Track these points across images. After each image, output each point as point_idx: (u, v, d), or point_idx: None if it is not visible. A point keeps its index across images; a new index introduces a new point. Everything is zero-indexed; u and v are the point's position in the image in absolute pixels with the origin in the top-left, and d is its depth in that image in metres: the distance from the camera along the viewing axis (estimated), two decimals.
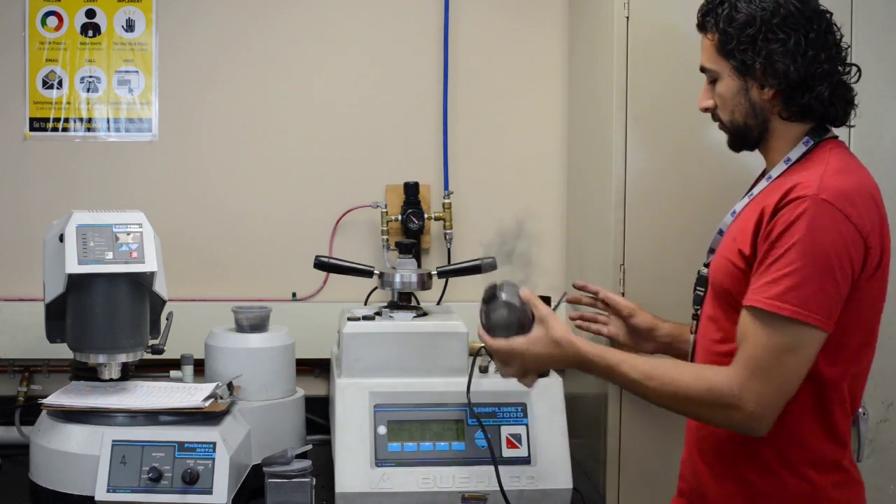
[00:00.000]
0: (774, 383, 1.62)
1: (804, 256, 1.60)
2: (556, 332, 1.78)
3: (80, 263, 1.99)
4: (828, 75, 1.72)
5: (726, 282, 1.75)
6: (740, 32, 1.72)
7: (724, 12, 1.74)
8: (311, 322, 2.61)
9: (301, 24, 2.70)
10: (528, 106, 2.76)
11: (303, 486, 1.95)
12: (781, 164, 1.78)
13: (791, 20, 1.71)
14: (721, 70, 1.78)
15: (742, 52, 1.73)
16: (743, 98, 1.77)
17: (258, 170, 2.70)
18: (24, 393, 2.59)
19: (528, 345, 1.79)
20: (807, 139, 1.77)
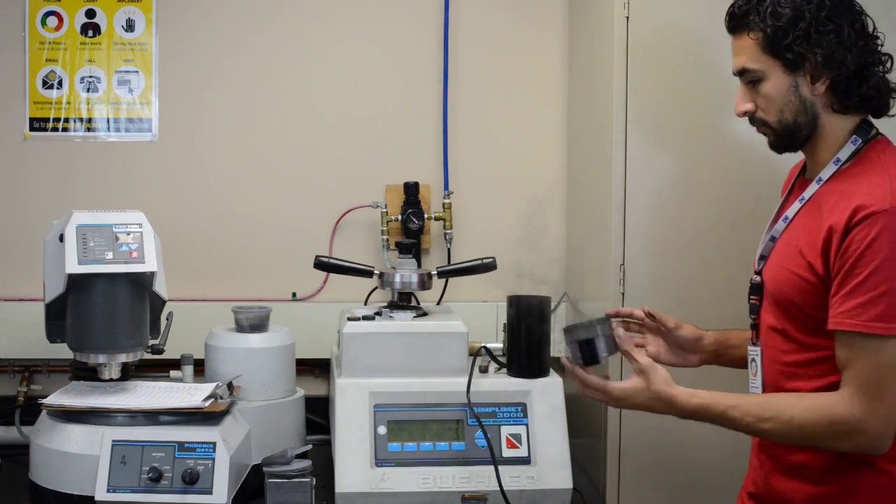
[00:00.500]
0: (891, 401, 1.62)
1: (894, 274, 1.59)
2: (659, 387, 1.75)
3: (80, 263, 1.99)
4: (876, 63, 1.71)
5: (796, 296, 1.72)
6: (792, 27, 1.68)
7: (769, 10, 1.70)
8: (311, 322, 2.61)
9: (301, 24, 2.70)
10: (528, 106, 2.76)
11: (303, 486, 1.95)
12: (831, 165, 1.74)
13: (837, 11, 1.69)
14: (767, 69, 1.73)
15: (798, 47, 1.68)
16: (793, 95, 1.73)
17: (258, 170, 2.70)
18: (24, 393, 2.59)
19: (626, 393, 1.77)
20: (854, 138, 1.74)
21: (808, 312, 1.71)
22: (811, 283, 1.69)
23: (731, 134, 2.25)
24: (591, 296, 2.49)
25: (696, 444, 2.22)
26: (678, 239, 2.26)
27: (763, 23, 1.70)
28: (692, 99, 2.26)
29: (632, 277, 2.25)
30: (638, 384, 1.77)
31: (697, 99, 2.26)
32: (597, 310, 2.42)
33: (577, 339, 1.81)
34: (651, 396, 1.75)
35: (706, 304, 2.22)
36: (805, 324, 1.72)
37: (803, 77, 1.71)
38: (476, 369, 2.12)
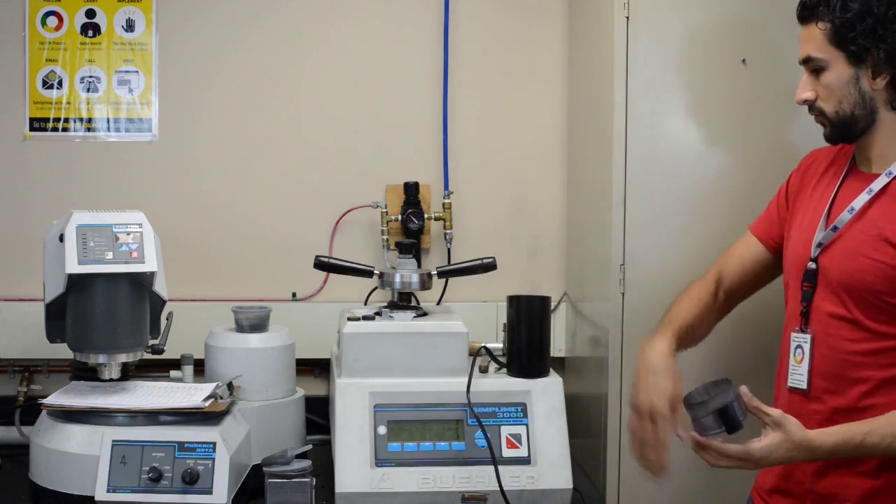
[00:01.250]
0: None
1: None
2: (797, 435, 1.68)
3: (80, 263, 1.99)
4: None
5: (879, 284, 1.72)
6: (859, 21, 1.72)
7: (839, 3, 1.74)
8: (311, 322, 2.61)
9: (301, 24, 2.70)
10: (529, 106, 2.76)
11: (303, 486, 1.95)
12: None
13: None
14: (832, 59, 1.76)
15: (862, 40, 1.72)
16: (853, 88, 1.76)
17: (258, 170, 2.70)
18: (24, 393, 2.59)
19: (768, 450, 1.69)
20: None
21: (888, 301, 1.71)
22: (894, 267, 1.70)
23: (733, 133, 2.25)
24: (591, 296, 2.49)
25: None
26: (678, 239, 2.26)
27: (832, 14, 1.74)
28: (692, 98, 2.26)
29: (632, 277, 2.24)
30: (777, 438, 1.69)
31: (698, 98, 2.26)
32: (597, 309, 2.42)
33: (715, 408, 1.69)
34: (791, 447, 1.69)
35: None
36: (881, 312, 1.73)
37: (865, 70, 1.75)
38: (476, 369, 2.12)
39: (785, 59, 2.17)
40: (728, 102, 2.25)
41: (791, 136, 2.23)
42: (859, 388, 1.75)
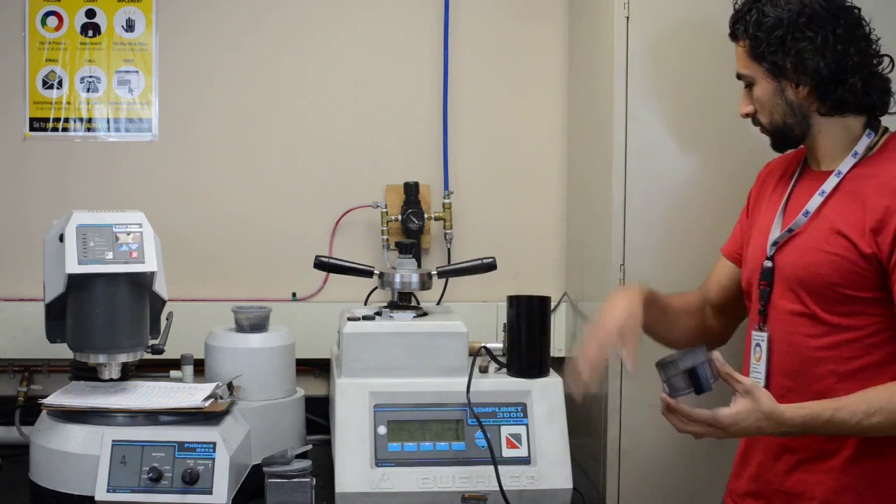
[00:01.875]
0: None
1: None
2: (767, 406, 1.69)
3: (80, 263, 1.99)
4: (859, 67, 1.77)
5: (834, 276, 1.74)
6: (769, 35, 1.78)
7: (753, 18, 1.80)
8: (311, 322, 2.61)
9: (301, 24, 2.70)
10: (529, 106, 2.76)
11: (303, 486, 1.95)
12: (850, 158, 1.80)
13: (817, 19, 1.76)
14: (755, 74, 1.83)
15: (773, 54, 1.78)
16: (779, 99, 1.81)
17: (258, 170, 2.70)
18: (24, 393, 2.59)
19: (736, 418, 1.70)
20: (868, 132, 1.81)
21: (845, 293, 1.73)
22: (852, 261, 1.72)
23: (732, 133, 2.25)
24: (591, 296, 2.49)
25: (695, 444, 2.21)
26: (678, 239, 2.26)
27: (746, 32, 1.82)
28: (692, 99, 2.26)
29: (632, 277, 2.24)
30: (747, 405, 1.70)
31: (698, 99, 2.26)
32: (597, 309, 2.42)
33: (685, 367, 1.72)
34: (760, 417, 1.69)
35: None
36: (838, 304, 1.74)
37: (787, 82, 1.80)
38: (476, 369, 2.12)
39: None
40: (729, 102, 2.24)
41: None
42: (822, 384, 1.76)
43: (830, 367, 1.76)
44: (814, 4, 1.76)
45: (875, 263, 1.70)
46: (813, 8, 1.76)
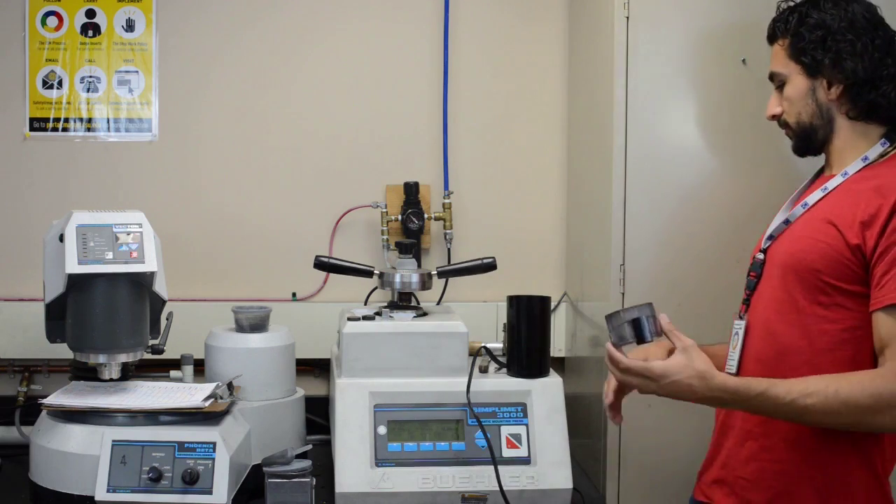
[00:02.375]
0: None
1: None
2: (701, 365, 1.72)
3: (80, 263, 1.99)
4: (893, 78, 1.81)
5: (818, 262, 1.76)
6: (811, 33, 1.82)
7: (795, 19, 1.85)
8: (311, 322, 2.61)
9: (301, 25, 2.70)
10: (529, 105, 2.76)
11: (303, 486, 1.95)
12: (858, 161, 1.83)
13: (858, 25, 1.82)
14: (790, 72, 1.86)
15: (813, 51, 1.82)
16: (810, 98, 1.85)
17: (258, 169, 2.70)
18: (24, 393, 2.59)
19: (669, 370, 1.72)
20: (884, 140, 1.84)
21: (827, 281, 1.75)
22: (838, 250, 1.74)
23: (732, 133, 2.25)
24: (591, 296, 2.49)
25: (695, 444, 2.21)
26: (678, 239, 2.26)
27: (787, 30, 1.86)
28: (692, 98, 2.26)
29: (632, 277, 2.24)
30: (681, 360, 1.73)
31: (698, 99, 2.26)
32: (597, 309, 2.42)
33: (629, 318, 1.78)
34: (692, 374, 1.72)
35: (706, 303, 2.22)
36: (818, 291, 1.76)
37: (820, 82, 1.83)
38: (476, 369, 2.12)
39: None
40: (729, 102, 2.25)
41: None
42: (793, 375, 1.76)
43: (804, 357, 1.77)
44: (857, 13, 1.82)
45: (859, 255, 1.72)
46: (855, 16, 1.82)
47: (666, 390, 1.75)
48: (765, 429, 1.82)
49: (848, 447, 1.76)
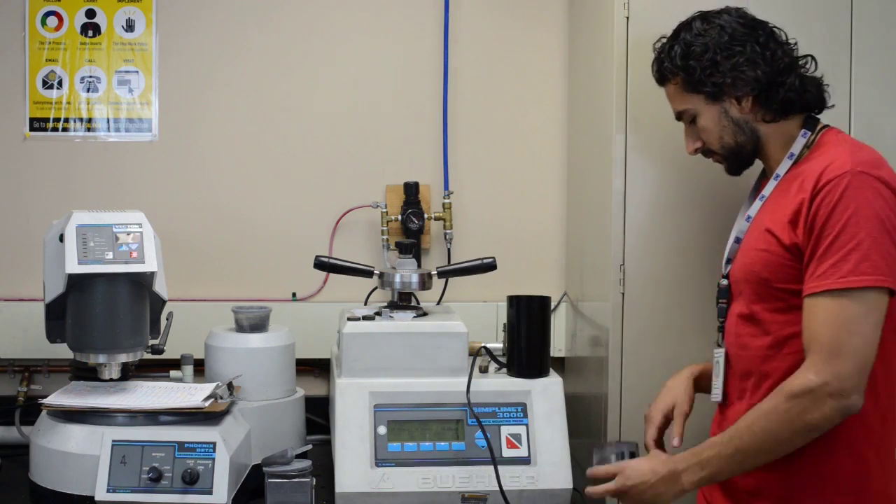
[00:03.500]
0: (850, 359, 1.65)
1: (862, 228, 1.65)
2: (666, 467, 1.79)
3: (80, 263, 1.99)
4: (791, 68, 1.83)
5: (764, 272, 1.78)
6: (700, 61, 1.83)
7: (678, 52, 1.86)
8: (311, 322, 2.61)
9: (301, 25, 2.70)
10: (529, 106, 2.76)
11: (303, 486, 1.95)
12: (786, 160, 1.85)
13: (739, 35, 1.83)
14: (696, 105, 1.88)
15: (710, 77, 1.83)
16: (725, 120, 1.86)
17: (258, 170, 2.70)
18: (24, 393, 2.59)
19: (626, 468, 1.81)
20: (804, 132, 1.85)
21: (778, 286, 1.76)
22: (777, 254, 1.76)
23: None
24: (591, 296, 2.49)
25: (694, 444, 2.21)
26: (678, 239, 2.25)
27: (676, 67, 1.87)
28: None
29: (632, 277, 2.24)
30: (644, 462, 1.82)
31: None
32: (597, 310, 2.42)
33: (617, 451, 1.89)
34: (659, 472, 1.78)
35: (706, 303, 2.21)
36: (775, 300, 1.77)
37: (728, 101, 1.85)
38: (476, 369, 2.12)
39: None
40: None
41: None
42: (769, 382, 1.79)
43: (776, 364, 1.79)
44: (731, 24, 1.84)
45: (797, 252, 1.74)
46: (732, 26, 1.83)
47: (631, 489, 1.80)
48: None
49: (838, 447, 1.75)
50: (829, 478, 1.76)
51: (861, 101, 2.18)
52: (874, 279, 1.65)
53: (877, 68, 2.18)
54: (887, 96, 2.19)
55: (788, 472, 1.78)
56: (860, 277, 1.65)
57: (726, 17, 1.85)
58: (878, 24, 2.18)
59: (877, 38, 2.18)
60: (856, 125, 2.18)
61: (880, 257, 1.65)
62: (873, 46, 2.18)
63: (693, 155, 1.95)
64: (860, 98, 2.18)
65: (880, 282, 1.65)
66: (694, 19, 1.89)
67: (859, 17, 2.17)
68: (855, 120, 2.18)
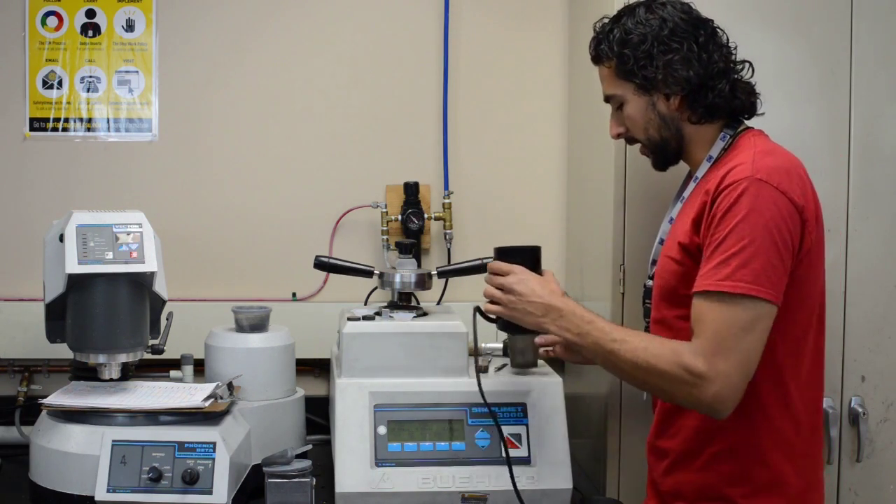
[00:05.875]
0: (735, 361, 1.65)
1: (749, 234, 1.65)
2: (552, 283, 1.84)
3: (80, 263, 1.99)
4: (724, 73, 1.81)
5: (671, 280, 1.81)
6: (636, 51, 1.81)
7: (616, 37, 1.83)
8: (311, 322, 2.61)
9: (301, 25, 2.70)
10: (529, 106, 2.76)
11: (303, 486, 1.95)
12: (705, 163, 1.85)
13: (679, 31, 1.80)
14: (625, 93, 1.86)
15: (642, 69, 1.81)
16: (652, 113, 1.85)
17: (258, 169, 2.70)
18: (24, 393, 2.59)
19: (524, 273, 1.84)
20: (723, 134, 1.85)
21: (685, 293, 1.75)
22: (682, 262, 1.77)
23: None
24: (592, 296, 2.49)
25: None
26: None
27: (612, 51, 1.84)
28: None
29: (632, 277, 2.24)
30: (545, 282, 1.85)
31: None
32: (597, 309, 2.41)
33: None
34: (543, 281, 1.83)
35: None
36: (682, 306, 1.78)
37: (658, 95, 1.83)
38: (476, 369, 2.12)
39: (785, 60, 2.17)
40: None
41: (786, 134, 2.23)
42: None
43: None
44: (674, 17, 1.81)
45: (697, 254, 1.74)
46: (674, 20, 1.81)
47: (522, 292, 1.82)
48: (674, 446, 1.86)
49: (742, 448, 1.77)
50: (739, 481, 1.78)
51: (861, 101, 2.18)
52: (753, 289, 1.64)
53: (877, 68, 2.18)
54: (887, 96, 2.19)
55: (704, 473, 1.80)
56: (736, 283, 1.64)
57: (670, 10, 1.82)
58: (878, 24, 2.18)
59: (877, 38, 2.18)
60: (856, 125, 2.18)
61: (762, 267, 1.64)
62: (873, 46, 2.18)
63: (615, 139, 1.95)
64: (860, 98, 2.18)
65: (754, 291, 1.64)
66: (639, 5, 1.86)
67: (859, 17, 2.17)
68: (855, 120, 2.18)
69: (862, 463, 2.20)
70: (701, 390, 1.66)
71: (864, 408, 2.19)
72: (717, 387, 1.65)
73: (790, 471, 1.78)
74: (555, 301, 1.81)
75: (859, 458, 2.20)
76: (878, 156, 2.19)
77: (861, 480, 2.21)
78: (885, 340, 2.20)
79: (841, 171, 2.16)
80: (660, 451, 1.90)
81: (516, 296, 1.83)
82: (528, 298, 1.82)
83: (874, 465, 2.22)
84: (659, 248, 1.91)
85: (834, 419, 2.16)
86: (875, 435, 2.21)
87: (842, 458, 2.20)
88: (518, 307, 1.83)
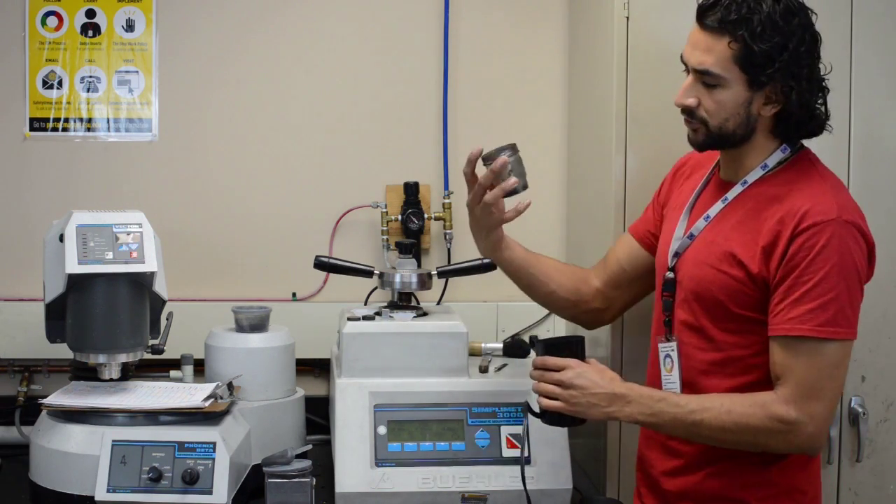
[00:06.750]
0: (827, 401, 1.69)
1: (842, 280, 1.67)
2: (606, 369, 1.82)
3: (80, 263, 1.99)
4: (824, 97, 1.78)
5: (721, 295, 1.77)
6: (778, 55, 1.70)
7: (758, 29, 1.69)
8: (311, 322, 2.61)
9: (301, 24, 2.70)
10: (528, 106, 2.76)
11: (303, 486, 1.95)
12: (758, 169, 1.81)
13: (812, 48, 1.73)
14: (731, 79, 1.74)
15: (767, 73, 1.71)
16: (743, 110, 1.76)
17: (258, 170, 2.70)
18: (24, 393, 2.59)
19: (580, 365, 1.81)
20: (784, 147, 1.81)
21: (733, 311, 1.76)
22: (741, 280, 1.75)
23: None
24: None
25: None
26: None
27: (750, 38, 1.70)
28: None
29: None
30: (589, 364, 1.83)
31: None
32: None
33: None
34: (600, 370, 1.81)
35: None
36: (727, 320, 1.77)
37: (759, 96, 1.75)
38: (476, 369, 2.12)
39: None
40: None
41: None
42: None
43: (714, 381, 1.80)
44: (811, 30, 1.73)
45: (762, 284, 1.73)
46: (811, 33, 1.73)
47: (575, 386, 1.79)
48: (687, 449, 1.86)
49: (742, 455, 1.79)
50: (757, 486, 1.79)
51: (861, 101, 2.18)
52: (847, 332, 1.68)
53: (877, 68, 2.18)
54: (887, 96, 2.19)
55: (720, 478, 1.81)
56: (836, 329, 1.67)
57: (803, 19, 1.72)
58: (878, 24, 2.18)
59: (877, 38, 2.18)
60: (856, 125, 2.18)
61: (853, 311, 1.69)
62: (873, 46, 2.18)
63: (679, 107, 1.82)
64: (860, 98, 2.18)
65: (846, 334, 1.68)
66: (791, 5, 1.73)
67: (859, 16, 2.17)
68: (855, 120, 2.18)
69: (862, 463, 2.21)
70: (795, 436, 1.69)
71: (864, 408, 2.20)
72: (811, 428, 1.68)
73: (803, 477, 1.80)
74: (618, 389, 1.78)
75: (859, 458, 2.20)
76: (877, 155, 2.19)
77: (861, 480, 2.21)
78: (884, 340, 2.20)
79: (841, 170, 2.16)
80: (672, 450, 1.89)
81: (577, 390, 1.79)
82: (592, 391, 1.78)
83: (874, 466, 2.22)
84: (687, 243, 1.85)
85: (834, 419, 2.16)
86: (875, 435, 2.22)
87: (842, 458, 2.21)
88: (581, 401, 1.79)
